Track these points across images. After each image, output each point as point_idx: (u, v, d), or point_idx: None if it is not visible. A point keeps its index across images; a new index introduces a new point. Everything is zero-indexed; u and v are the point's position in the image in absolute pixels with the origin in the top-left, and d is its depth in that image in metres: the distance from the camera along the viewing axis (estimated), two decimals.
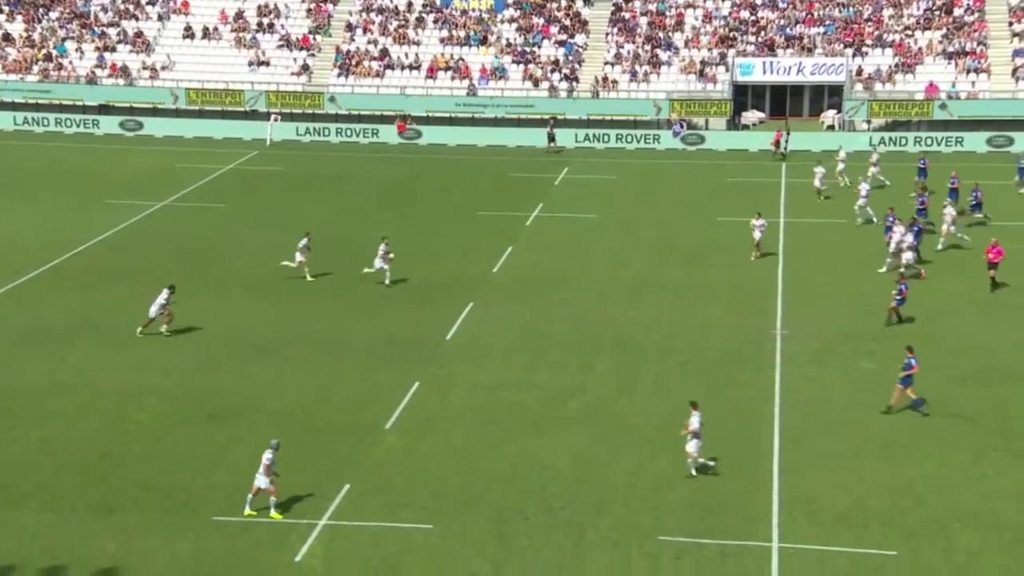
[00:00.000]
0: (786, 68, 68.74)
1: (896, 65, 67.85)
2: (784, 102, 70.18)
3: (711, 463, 27.96)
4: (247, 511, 26.38)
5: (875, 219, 47.78)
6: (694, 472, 27.80)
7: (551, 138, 65.31)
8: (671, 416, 31.14)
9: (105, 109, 72.37)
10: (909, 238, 41.85)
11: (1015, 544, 24.65)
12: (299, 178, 59.93)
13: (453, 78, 71.48)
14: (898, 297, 37.10)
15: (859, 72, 67.79)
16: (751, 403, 32.06)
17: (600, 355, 35.73)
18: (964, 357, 34.58)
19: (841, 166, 55.48)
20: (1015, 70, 66.21)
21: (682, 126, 66.37)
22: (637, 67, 70.18)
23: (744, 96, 70.12)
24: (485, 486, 27.78)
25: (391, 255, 41.81)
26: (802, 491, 27.16)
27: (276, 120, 69.22)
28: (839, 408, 31.50)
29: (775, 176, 58.00)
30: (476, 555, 24.92)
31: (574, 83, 70.11)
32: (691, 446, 27.88)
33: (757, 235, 44.00)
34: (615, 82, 69.83)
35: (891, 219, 43.91)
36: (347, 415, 31.81)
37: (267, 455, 26.48)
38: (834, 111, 68.09)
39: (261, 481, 26.38)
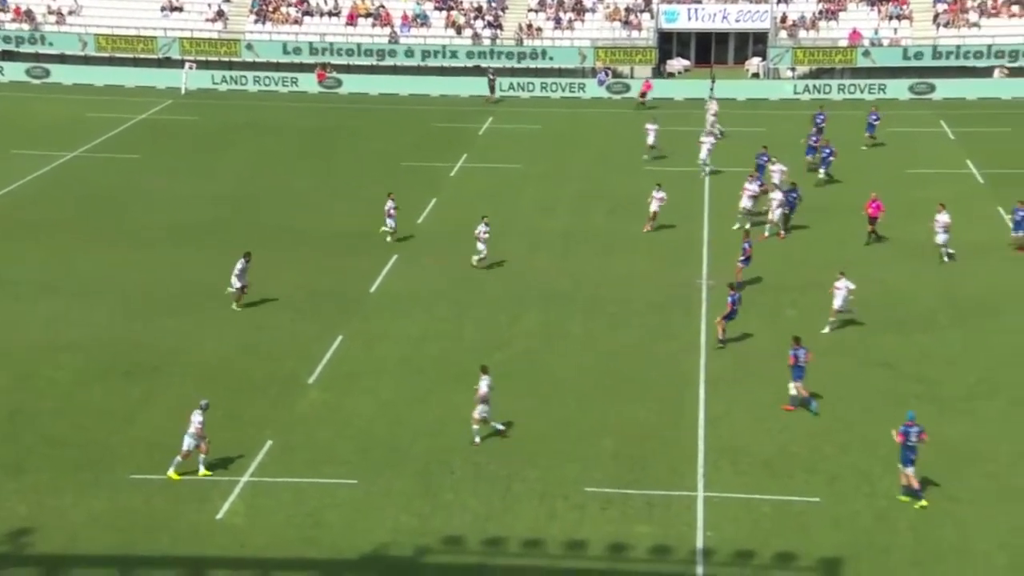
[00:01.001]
0: (710, 15, 68.85)
1: (820, 12, 68.32)
2: (709, 50, 70.36)
3: (501, 427, 27.57)
4: (170, 472, 25.92)
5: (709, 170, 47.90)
6: (478, 440, 27.32)
7: (492, 88, 64.84)
8: (600, 368, 31.36)
9: (9, 55, 70.28)
10: (778, 195, 41.53)
11: (933, 488, 25.20)
12: (215, 128, 58.88)
13: (374, 25, 70.55)
14: (742, 258, 36.44)
15: (783, 19, 68.16)
16: (678, 354, 32.35)
17: (528, 307, 35.76)
18: (884, 306, 35.17)
19: (712, 118, 55.50)
20: (936, 16, 67.04)
21: (607, 74, 66.28)
22: (561, 14, 69.85)
23: (669, 44, 70.18)
24: (411, 440, 27.75)
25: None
26: (727, 440, 27.53)
27: (191, 68, 67.80)
28: (764, 357, 31.90)
29: (700, 125, 58.21)
30: (401, 510, 24.91)
31: (497, 31, 69.59)
32: (477, 411, 27.33)
33: (654, 206, 41.91)
34: (539, 29, 69.45)
35: (764, 158, 44.63)
36: (269, 369, 31.51)
37: (196, 417, 25.91)
38: (759, 59, 68.46)
39: (189, 443, 25.90)
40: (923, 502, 24.67)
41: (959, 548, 23.16)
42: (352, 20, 70.71)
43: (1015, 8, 66.53)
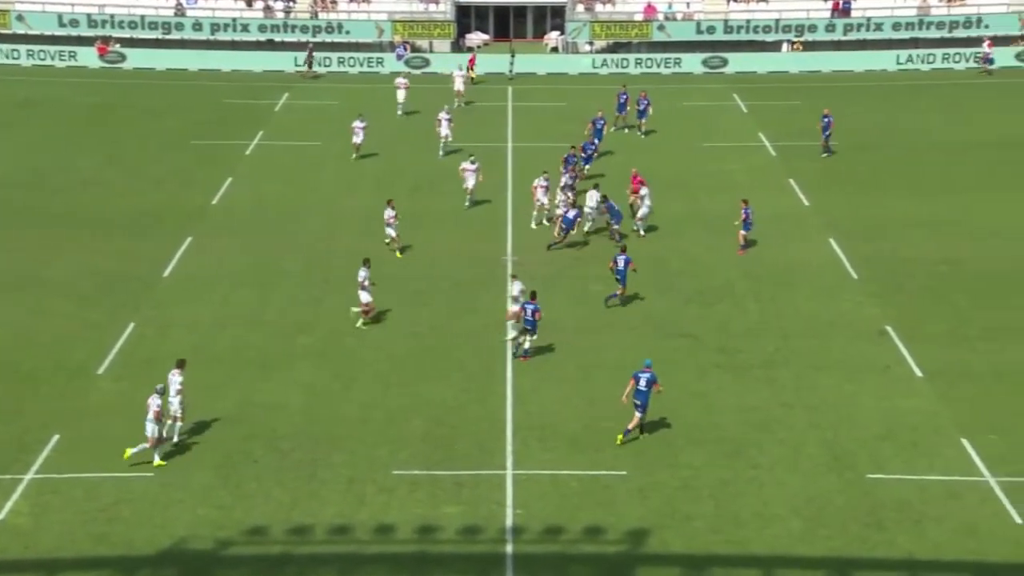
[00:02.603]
0: None
1: None
2: (508, 24, 70.87)
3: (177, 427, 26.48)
4: (156, 460, 25.31)
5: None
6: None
7: (309, 63, 63.53)
8: (406, 347, 31.28)
9: None
10: (566, 178, 41.84)
11: (734, 456, 26.22)
12: None
13: None
14: (742, 222, 37.73)
15: None
16: (485, 331, 32.55)
17: (331, 288, 35.36)
18: (687, 277, 36.25)
19: (459, 86, 56.58)
20: None
21: (405, 48, 65.98)
22: None
23: (468, 18, 70.35)
24: (210, 429, 27.10)
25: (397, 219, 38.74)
26: (535, 417, 27.90)
27: None
28: (571, 332, 32.44)
29: (502, 100, 58.70)
30: (201, 502, 24.32)
31: (291, 3, 68.32)
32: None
33: (470, 182, 41.51)
34: (334, 2, 68.55)
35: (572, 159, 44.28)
36: (54, 359, 30.24)
37: (154, 400, 25.26)
38: (557, 33, 69.36)
39: (152, 429, 25.19)
40: (619, 437, 26.32)
41: (758, 514, 24.10)
42: None
43: None
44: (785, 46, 66.83)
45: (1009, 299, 34.31)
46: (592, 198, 39.35)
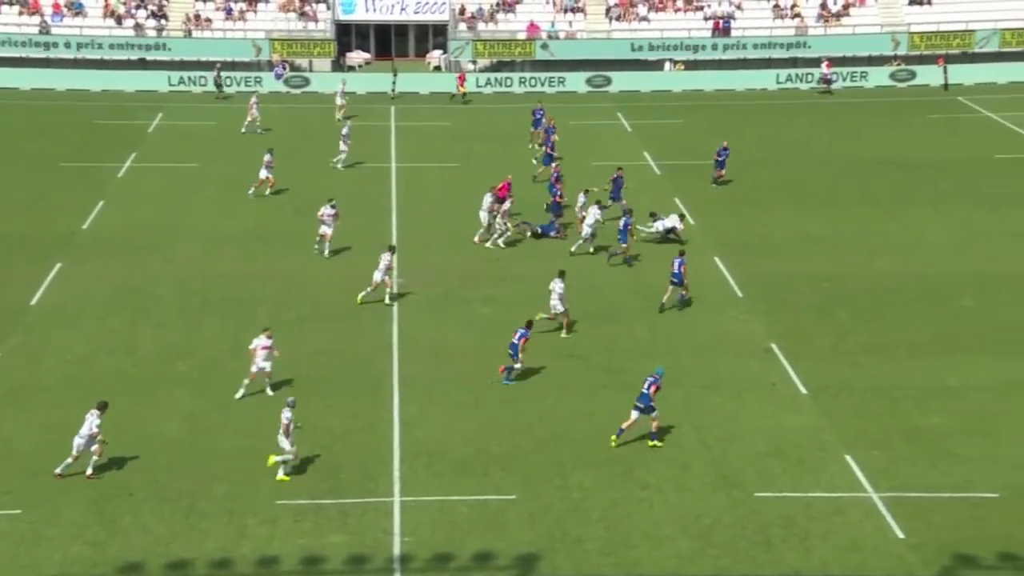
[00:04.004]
0: (389, 6, 69.27)
1: (497, 4, 70.19)
2: (389, 42, 70.89)
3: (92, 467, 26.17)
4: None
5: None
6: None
7: (218, 85, 62.56)
8: (289, 373, 30.98)
9: None
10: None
11: (623, 477, 26.53)
12: None
13: (21, 13, 66.65)
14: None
15: (462, 11, 69.61)
16: (370, 355, 32.45)
17: (210, 313, 34.91)
18: (575, 298, 36.57)
19: (340, 101, 57.09)
20: (608, 9, 70.36)
21: (284, 68, 65.53)
22: (232, 4, 68.47)
23: (348, 36, 70.23)
24: (82, 463, 26.47)
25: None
26: (423, 442, 27.87)
27: None
28: (459, 355, 32.50)
29: (384, 119, 58.67)
30: (73, 539, 23.75)
31: (163, 21, 67.39)
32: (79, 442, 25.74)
33: (328, 229, 39.24)
34: (208, 20, 67.80)
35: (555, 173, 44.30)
36: None
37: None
38: (440, 51, 69.63)
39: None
40: (613, 438, 27.49)
41: (648, 534, 24.40)
42: None
43: (679, 2, 70.74)
44: (668, 65, 68.09)
45: (889, 314, 35.39)
46: (593, 215, 39.79)
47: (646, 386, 27.64)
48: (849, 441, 28.06)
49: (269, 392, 29.77)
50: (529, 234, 41.50)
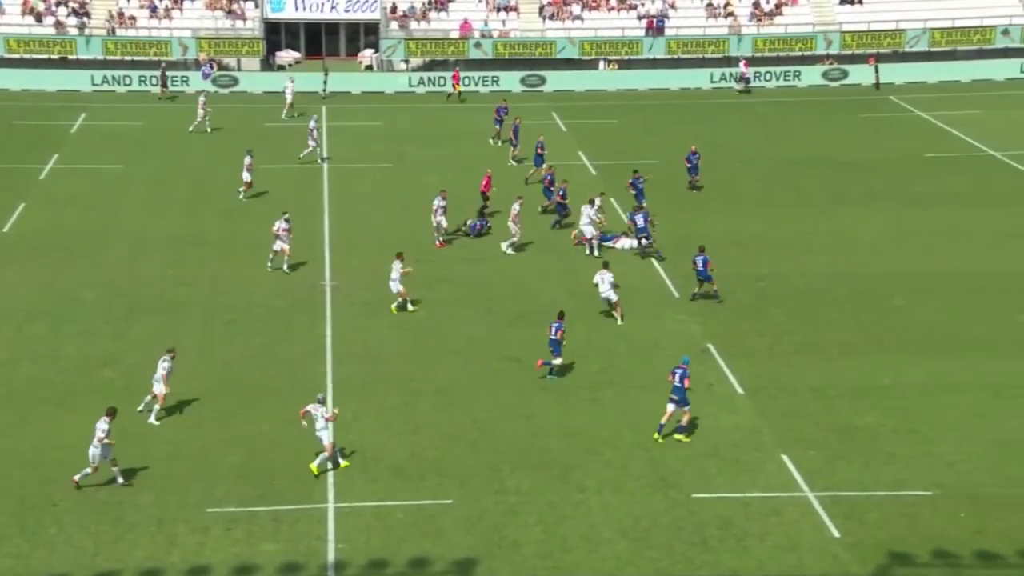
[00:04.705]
0: (319, 5, 68.85)
1: (429, 2, 70.05)
2: (320, 41, 70.45)
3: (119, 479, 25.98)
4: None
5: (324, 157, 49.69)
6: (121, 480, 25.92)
7: (163, 83, 61.62)
8: (220, 378, 30.70)
9: None
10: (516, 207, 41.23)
11: (560, 479, 26.57)
12: None
13: None
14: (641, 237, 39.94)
15: (393, 10, 69.37)
16: (303, 359, 32.21)
17: (136, 318, 34.48)
18: (510, 299, 36.64)
19: (289, 97, 57.36)
20: (542, 8, 70.51)
21: (212, 67, 64.86)
22: (157, 1, 67.64)
23: (277, 35, 69.68)
24: (4, 473, 26.02)
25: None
26: (357, 447, 27.70)
27: None
28: (392, 358, 32.39)
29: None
30: None
31: (85, 19, 66.39)
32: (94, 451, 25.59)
33: (284, 244, 37.75)
34: (132, 18, 66.93)
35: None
36: None
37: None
38: (372, 50, 69.34)
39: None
40: (656, 436, 27.97)
41: (586, 537, 24.45)
42: None
43: (613, 1, 71.10)
44: (602, 64, 68.38)
45: (823, 314, 35.81)
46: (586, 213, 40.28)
47: (678, 379, 28.05)
48: (785, 441, 28.35)
49: (153, 421, 28.74)
50: (468, 230, 41.55)
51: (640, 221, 39.88)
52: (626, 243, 40.89)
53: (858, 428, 29.05)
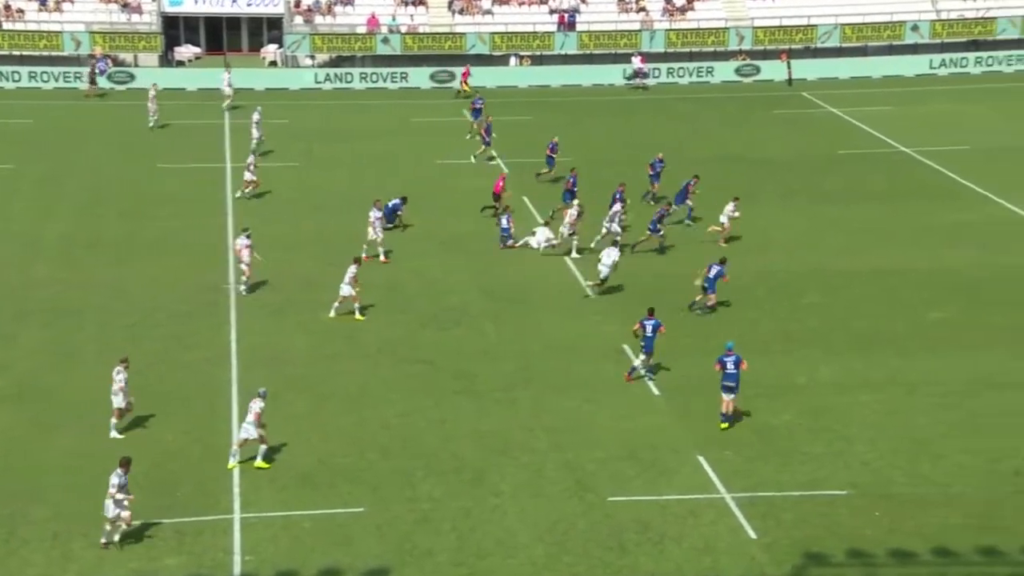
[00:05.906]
0: None
1: None
2: (221, 36, 69.57)
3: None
4: None
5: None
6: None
7: (92, 79, 60.15)
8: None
9: None
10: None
11: (475, 484, 26.54)
12: None
13: None
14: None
15: (297, 4, 68.73)
16: (207, 365, 31.80)
17: (27, 324, 33.78)
18: (422, 300, 36.50)
19: (228, 91, 57.85)
20: (451, 3, 70.41)
21: (107, 63, 63.73)
22: None
23: (176, 29, 68.64)
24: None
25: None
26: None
27: None
28: (300, 362, 32.10)
29: (217, 118, 57.60)
30: None
31: None
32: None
33: (246, 258, 36.37)
34: (20, 11, 65.47)
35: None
36: None
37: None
38: (275, 46, 68.65)
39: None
40: (724, 425, 28.77)
41: (501, 543, 24.44)
42: None
43: None
44: (513, 60, 68.48)
45: (739, 313, 36.22)
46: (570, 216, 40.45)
47: (732, 366, 28.63)
48: (702, 442, 28.60)
49: (115, 434, 28.09)
50: None
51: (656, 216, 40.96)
52: (542, 238, 40.79)
53: (775, 428, 29.42)
